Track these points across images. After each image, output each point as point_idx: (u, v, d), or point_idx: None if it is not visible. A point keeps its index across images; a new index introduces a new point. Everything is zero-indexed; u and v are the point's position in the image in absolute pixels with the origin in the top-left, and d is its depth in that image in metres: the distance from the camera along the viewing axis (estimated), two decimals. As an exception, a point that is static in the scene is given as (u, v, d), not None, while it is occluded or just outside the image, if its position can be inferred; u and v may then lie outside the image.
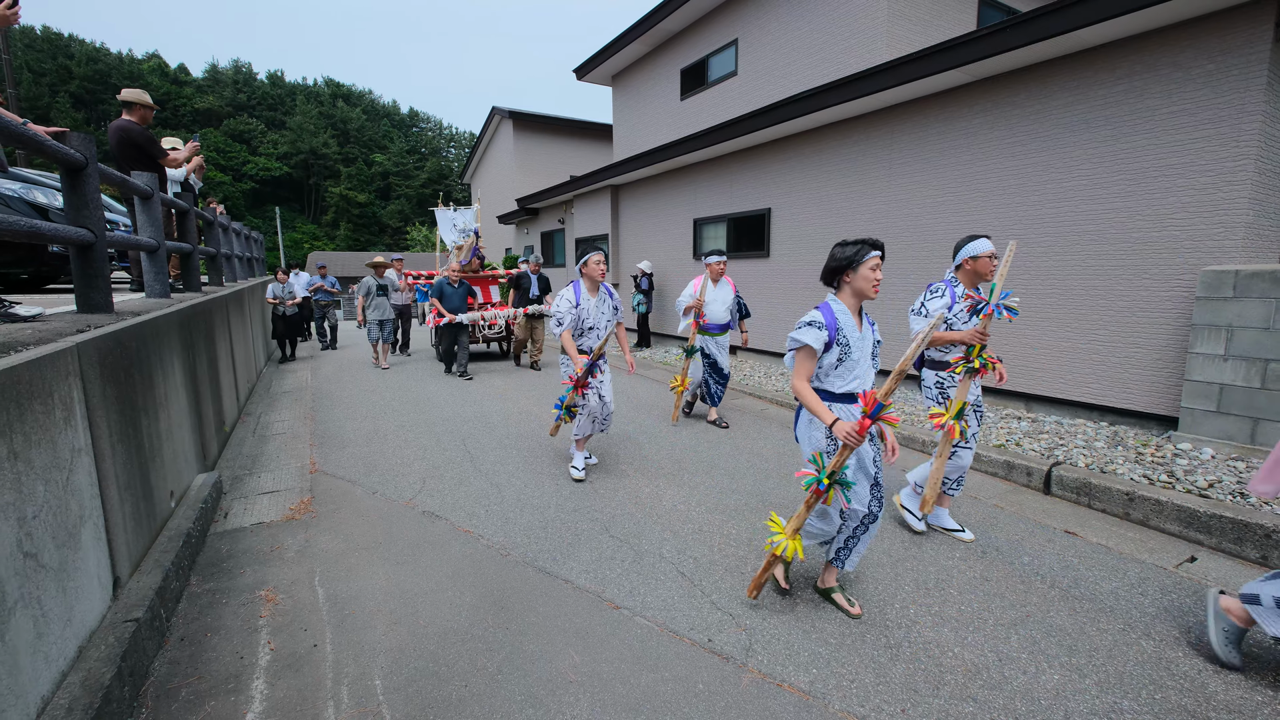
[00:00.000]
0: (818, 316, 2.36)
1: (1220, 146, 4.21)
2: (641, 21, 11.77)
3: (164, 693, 2.10)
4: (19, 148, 2.41)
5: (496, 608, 2.62)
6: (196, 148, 6.09)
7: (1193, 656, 2.28)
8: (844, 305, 2.40)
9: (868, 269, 2.33)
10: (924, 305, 3.13)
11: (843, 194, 7.09)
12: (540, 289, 8.59)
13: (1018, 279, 5.38)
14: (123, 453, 2.51)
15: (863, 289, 2.36)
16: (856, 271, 2.35)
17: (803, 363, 2.37)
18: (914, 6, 7.94)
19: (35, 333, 2.27)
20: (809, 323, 2.35)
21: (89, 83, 54.45)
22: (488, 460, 4.58)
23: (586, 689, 2.12)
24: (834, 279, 2.44)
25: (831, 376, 2.40)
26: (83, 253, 2.90)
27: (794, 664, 2.25)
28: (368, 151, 66.37)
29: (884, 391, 2.15)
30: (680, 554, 3.10)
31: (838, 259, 2.39)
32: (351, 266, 38.00)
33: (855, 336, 2.37)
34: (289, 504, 3.76)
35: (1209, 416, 4.16)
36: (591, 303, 4.04)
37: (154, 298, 4.09)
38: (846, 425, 2.19)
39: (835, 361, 2.37)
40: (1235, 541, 3.06)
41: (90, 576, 2.09)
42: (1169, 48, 4.40)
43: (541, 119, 20.17)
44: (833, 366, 2.38)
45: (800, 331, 2.35)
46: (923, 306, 3.13)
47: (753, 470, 4.34)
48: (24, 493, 1.72)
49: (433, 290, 8.19)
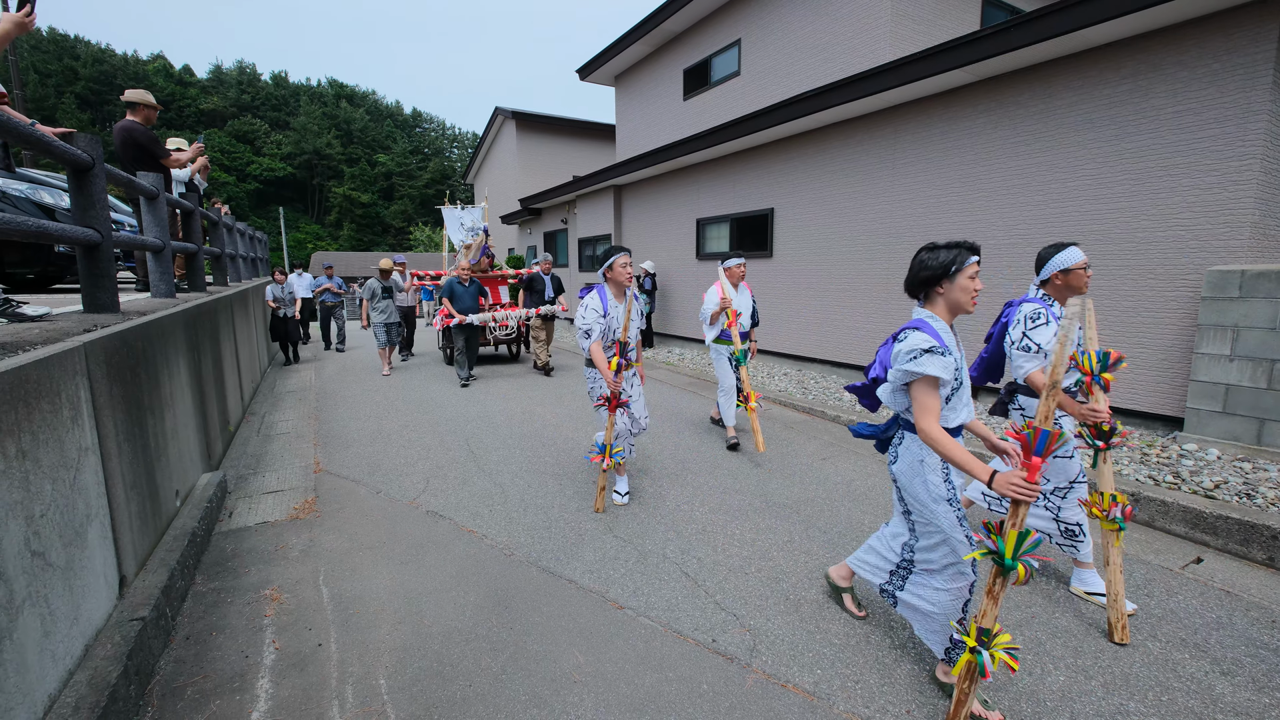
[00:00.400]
0: (931, 339, 1.90)
1: (1226, 146, 4.19)
2: (644, 22, 11.77)
3: (170, 691, 2.11)
4: (26, 148, 2.43)
5: (500, 607, 2.62)
6: (201, 148, 6.11)
7: (1199, 658, 2.27)
8: (942, 322, 2.00)
9: (966, 278, 1.95)
10: (1028, 338, 2.57)
11: (846, 194, 7.08)
12: (554, 289, 8.28)
13: (1020, 280, 5.37)
14: (129, 452, 2.52)
15: (960, 302, 1.98)
16: (953, 281, 1.96)
17: (928, 398, 1.91)
18: (917, 6, 7.92)
19: (42, 332, 2.28)
20: (926, 349, 1.88)
21: (95, 84, 54.68)
22: (491, 460, 4.58)
23: (590, 689, 2.12)
24: (924, 290, 2.04)
25: (944, 411, 1.98)
26: (89, 253, 2.91)
27: (798, 664, 2.25)
28: (371, 152, 66.51)
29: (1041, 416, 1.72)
30: (684, 554, 3.10)
31: (930, 267, 1.99)
32: (355, 267, 38.08)
33: (959, 357, 1.99)
34: (293, 503, 3.78)
35: (1215, 417, 4.14)
36: (619, 309, 3.59)
37: (159, 297, 4.11)
38: (1008, 477, 1.73)
39: (948, 393, 1.97)
40: (1242, 543, 3.05)
41: (97, 575, 2.10)
42: (1174, 47, 4.38)
43: (544, 119, 20.19)
44: (945, 400, 1.97)
45: (921, 361, 1.88)
46: (1025, 339, 2.58)
47: (755, 470, 4.34)
48: (31, 491, 1.73)
49: (442, 290, 7.86)
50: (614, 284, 3.61)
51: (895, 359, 1.97)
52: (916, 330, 1.96)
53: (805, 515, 3.57)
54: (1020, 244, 5.37)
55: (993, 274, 5.62)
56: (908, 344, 1.93)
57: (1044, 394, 1.71)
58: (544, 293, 8.20)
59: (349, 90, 73.76)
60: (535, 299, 8.24)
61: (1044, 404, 1.71)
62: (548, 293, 8.22)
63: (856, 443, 4.98)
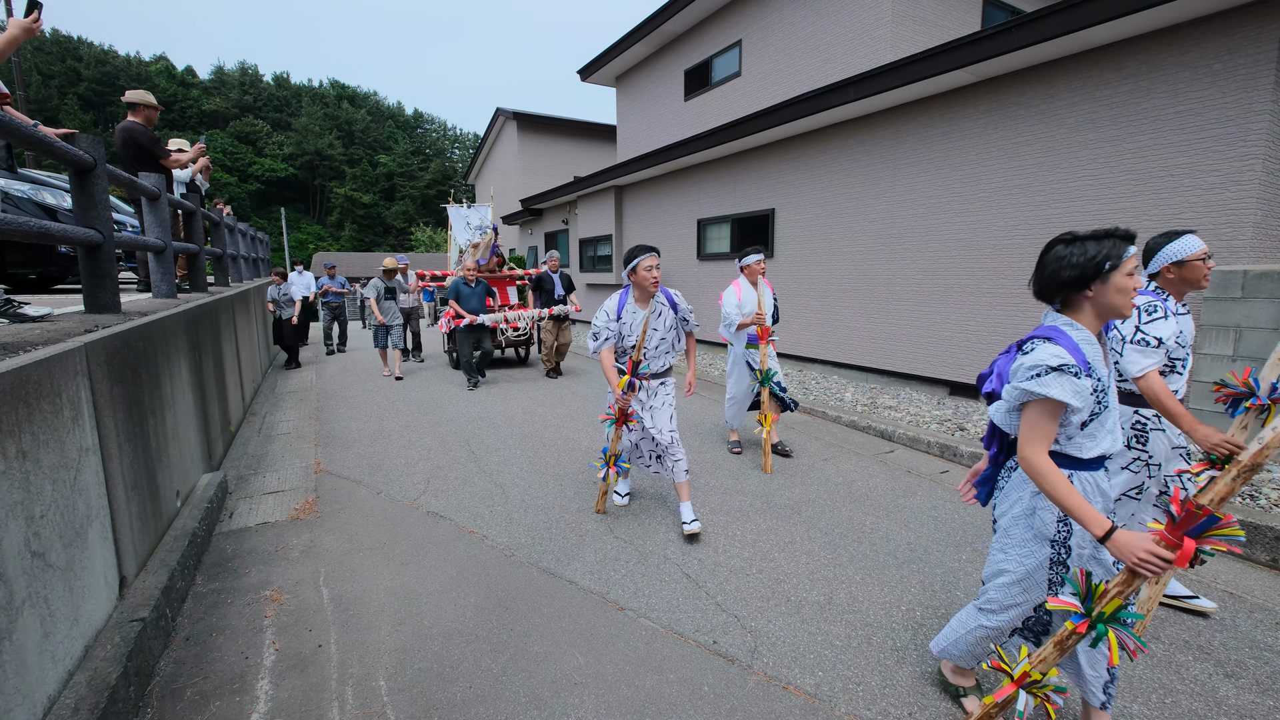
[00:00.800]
0: (1063, 355, 1.56)
1: (1227, 146, 4.18)
2: (645, 23, 11.78)
3: (169, 693, 2.11)
4: (29, 149, 2.43)
5: (501, 608, 2.62)
6: (203, 148, 6.12)
7: (1203, 660, 2.26)
8: (1086, 332, 1.62)
9: (1124, 275, 1.56)
10: (1143, 332, 2.20)
11: (847, 194, 7.08)
12: (564, 288, 8.00)
13: (1024, 278, 5.36)
14: (129, 452, 2.52)
15: (1116, 306, 1.59)
16: (1107, 281, 1.56)
17: (1044, 424, 1.59)
18: (918, 7, 7.92)
19: (44, 333, 2.28)
20: (1055, 367, 1.55)
21: (97, 85, 54.81)
22: (492, 461, 4.58)
23: (591, 690, 2.12)
24: (1065, 294, 1.64)
25: (1078, 438, 1.66)
26: (91, 253, 2.92)
27: (800, 666, 2.24)
28: (372, 153, 66.61)
29: (1218, 496, 1.44)
30: (685, 555, 3.09)
31: (1076, 264, 1.58)
32: (357, 267, 38.11)
33: (1104, 376, 1.63)
34: (294, 504, 3.77)
35: (1217, 418, 4.13)
36: (638, 316, 3.30)
37: (161, 298, 4.11)
38: (1137, 541, 1.44)
39: (1087, 417, 1.63)
40: (1245, 544, 3.04)
41: (97, 576, 2.10)
42: (1175, 47, 4.38)
43: (545, 120, 20.21)
44: (1079, 425, 1.64)
45: (1044, 381, 1.56)
46: (1141, 334, 2.20)
47: (756, 471, 4.33)
48: (32, 492, 1.73)
49: (449, 291, 7.57)
50: (638, 288, 3.27)
51: (1014, 373, 1.65)
52: (1048, 342, 1.60)
53: (806, 516, 3.56)
54: (1022, 244, 5.36)
55: (995, 275, 5.62)
56: (1033, 357, 1.60)
57: (1232, 474, 1.43)
58: (553, 292, 7.93)
59: (350, 91, 73.87)
60: (545, 299, 7.94)
61: (1226, 484, 1.42)
62: (557, 291, 7.95)
63: (857, 443, 4.98)
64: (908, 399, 6.15)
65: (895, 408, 5.79)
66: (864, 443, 5.00)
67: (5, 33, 3.05)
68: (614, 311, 3.31)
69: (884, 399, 6.20)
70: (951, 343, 6.05)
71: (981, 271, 5.71)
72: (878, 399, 6.21)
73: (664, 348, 3.37)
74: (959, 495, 1.92)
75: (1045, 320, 1.70)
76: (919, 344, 6.38)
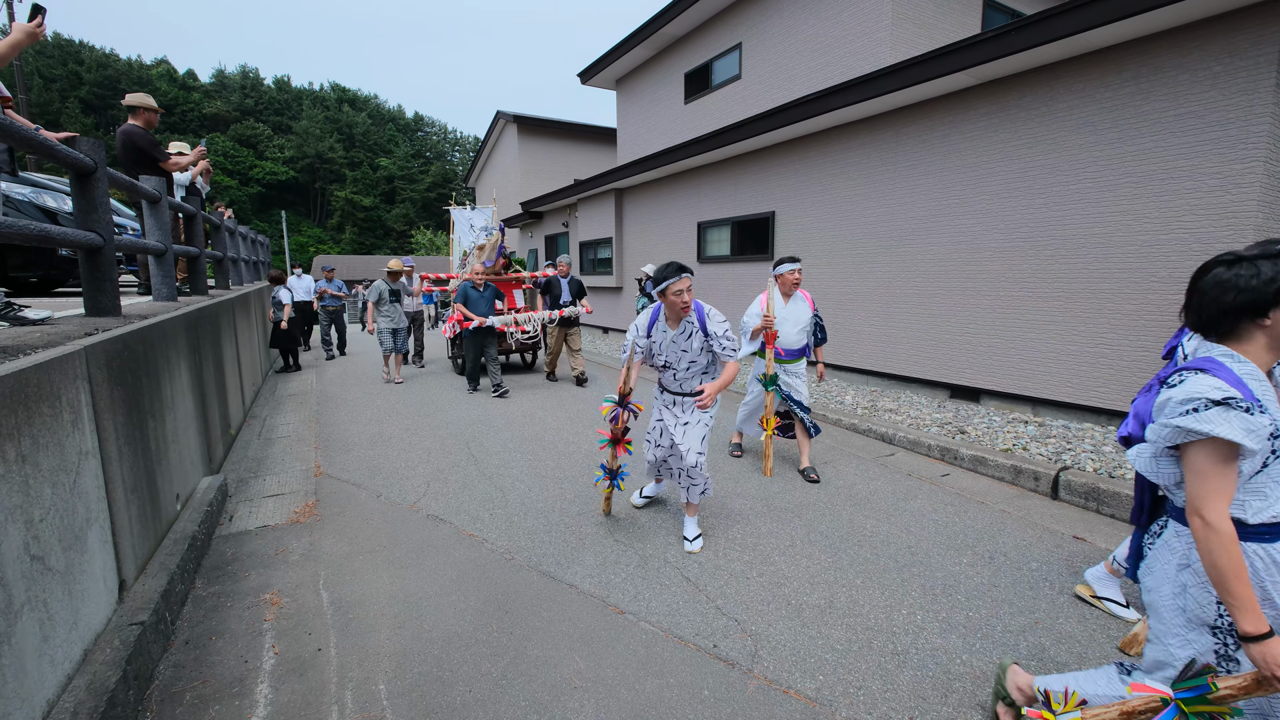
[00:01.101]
0: (1225, 388, 1.31)
1: (1228, 149, 4.18)
2: (645, 26, 11.81)
3: (168, 696, 2.10)
4: (30, 153, 2.44)
5: (500, 612, 2.61)
6: (203, 152, 6.13)
7: (1205, 664, 2.25)
8: (1253, 366, 1.37)
9: None
10: None
11: (847, 197, 7.08)
12: (573, 293, 7.78)
13: (1024, 281, 5.36)
14: (129, 456, 2.52)
15: None
16: None
17: (1217, 472, 1.32)
18: (918, 9, 7.93)
19: (44, 336, 2.28)
20: (1219, 400, 1.30)
21: (98, 88, 55.01)
22: (492, 464, 4.58)
23: (591, 694, 2.11)
24: (1229, 324, 1.40)
25: (1241, 494, 1.37)
26: (91, 256, 2.92)
27: (800, 670, 2.23)
28: (373, 156, 66.81)
29: None
30: (685, 559, 3.09)
31: (1246, 288, 1.35)
32: (357, 270, 38.20)
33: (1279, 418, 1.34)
34: (294, 507, 3.77)
35: (1219, 421, 4.12)
36: (669, 336, 3.16)
37: (161, 301, 4.11)
38: None
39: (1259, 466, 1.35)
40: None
41: (96, 579, 2.09)
42: (1176, 50, 4.38)
43: (546, 123, 20.24)
44: (1246, 477, 1.36)
45: (1207, 417, 1.31)
46: None
47: (756, 474, 4.32)
48: (31, 495, 1.73)
49: (457, 295, 7.31)
50: (670, 308, 3.11)
51: (1160, 410, 1.40)
52: (1202, 374, 1.35)
53: (807, 519, 3.55)
54: (1023, 247, 5.36)
55: (996, 278, 5.62)
56: (1184, 390, 1.35)
57: None
58: (560, 297, 7.79)
59: (351, 94, 74.11)
60: (552, 305, 7.77)
61: None
62: (564, 297, 7.72)
63: (858, 446, 4.97)
64: (908, 402, 6.15)
65: (896, 411, 5.79)
66: (864, 445, 5.00)
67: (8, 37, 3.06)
68: (644, 328, 3.21)
69: (884, 402, 6.19)
70: (952, 346, 6.04)
71: (982, 274, 5.71)
72: (878, 402, 6.20)
73: (695, 370, 3.22)
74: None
75: (1199, 352, 1.45)
76: (920, 347, 6.38)
